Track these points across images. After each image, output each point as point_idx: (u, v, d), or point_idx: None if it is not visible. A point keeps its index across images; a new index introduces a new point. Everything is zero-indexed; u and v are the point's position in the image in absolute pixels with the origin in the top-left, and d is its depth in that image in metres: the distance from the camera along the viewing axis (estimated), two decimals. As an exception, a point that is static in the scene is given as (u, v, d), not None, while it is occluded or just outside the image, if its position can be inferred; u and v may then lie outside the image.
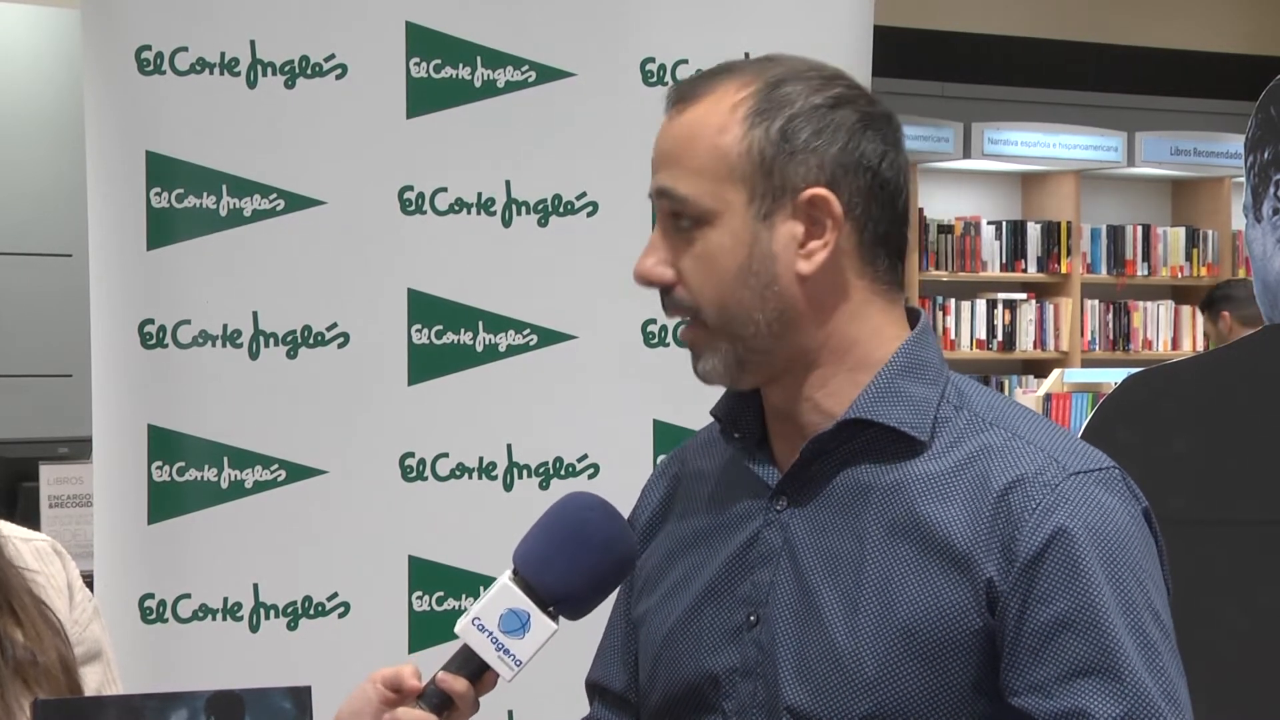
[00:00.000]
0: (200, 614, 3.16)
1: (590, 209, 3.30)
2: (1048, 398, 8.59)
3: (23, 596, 2.09)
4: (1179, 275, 11.02)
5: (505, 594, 1.94)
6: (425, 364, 3.25)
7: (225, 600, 3.17)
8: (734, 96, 1.93)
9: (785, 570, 1.94)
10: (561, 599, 1.94)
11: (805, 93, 1.93)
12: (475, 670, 1.94)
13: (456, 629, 1.94)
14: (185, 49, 3.17)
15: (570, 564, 1.95)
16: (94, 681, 2.16)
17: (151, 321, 3.16)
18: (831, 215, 1.91)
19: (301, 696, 1.83)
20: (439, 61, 3.25)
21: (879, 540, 1.89)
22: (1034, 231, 10.67)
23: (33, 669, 2.04)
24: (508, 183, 3.27)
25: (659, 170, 1.97)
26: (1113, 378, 8.53)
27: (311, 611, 3.20)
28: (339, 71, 3.22)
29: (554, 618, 1.94)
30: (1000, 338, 10.55)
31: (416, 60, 3.25)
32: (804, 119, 1.92)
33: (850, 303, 1.95)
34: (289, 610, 3.19)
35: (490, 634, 1.93)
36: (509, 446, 3.27)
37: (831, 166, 1.91)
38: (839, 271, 1.93)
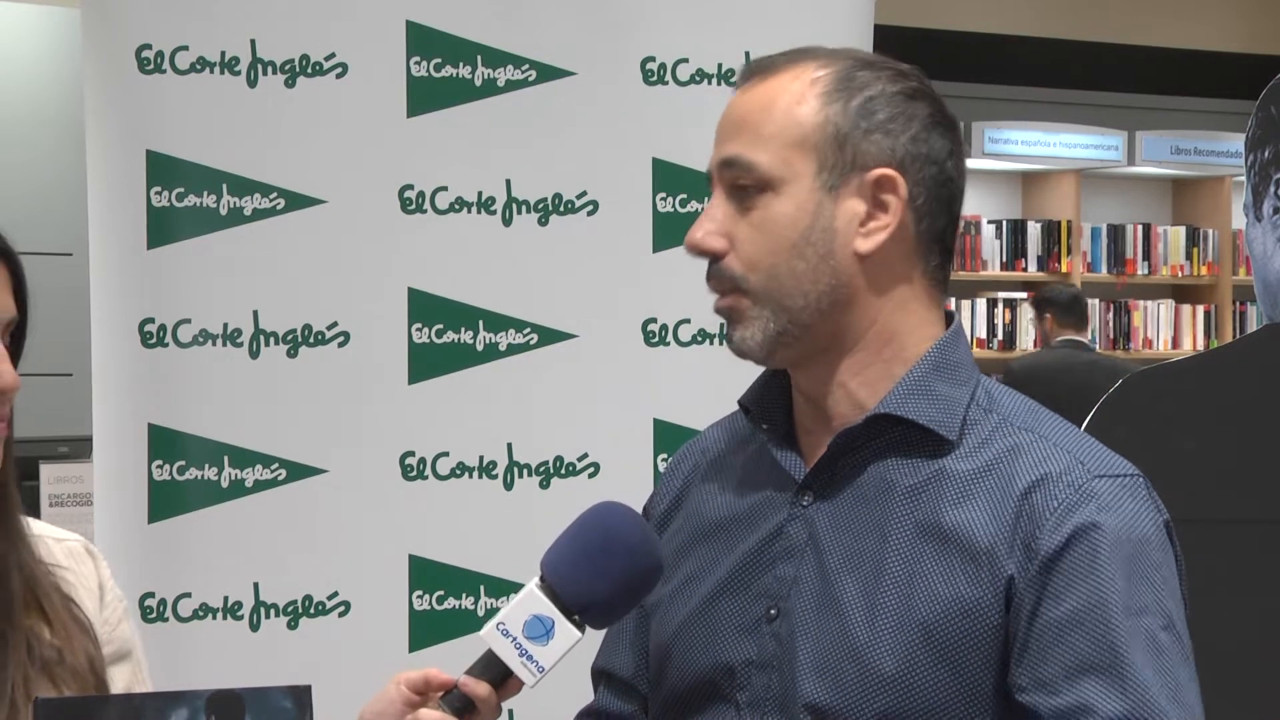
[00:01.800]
0: (200, 613, 3.16)
1: (591, 208, 3.30)
2: (1048, 397, 8.57)
3: (52, 595, 2.09)
4: (1179, 274, 11.02)
5: (531, 600, 1.94)
6: (425, 363, 3.25)
7: (225, 599, 3.17)
8: (813, 73, 1.96)
9: (809, 565, 1.94)
10: (587, 607, 1.94)
11: (883, 80, 1.96)
12: (498, 675, 1.94)
13: (481, 633, 1.94)
14: (185, 48, 3.17)
15: (597, 573, 1.95)
16: (122, 682, 2.15)
17: (152, 320, 3.16)
18: (896, 197, 1.93)
19: (302, 696, 1.83)
20: (439, 60, 3.25)
21: (903, 538, 1.90)
22: (1034, 230, 10.67)
23: (59, 668, 2.04)
24: (508, 182, 3.27)
25: (727, 140, 1.97)
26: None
27: (312, 611, 3.20)
28: (339, 70, 3.22)
29: (579, 626, 1.94)
30: (1001, 337, 10.55)
31: (417, 59, 3.25)
32: (881, 102, 1.94)
33: (899, 292, 1.96)
34: (289, 609, 3.19)
35: (514, 639, 1.93)
36: (509, 445, 3.26)
37: (902, 153, 1.94)
38: (895, 257, 1.95)
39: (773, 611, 1.95)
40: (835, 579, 1.92)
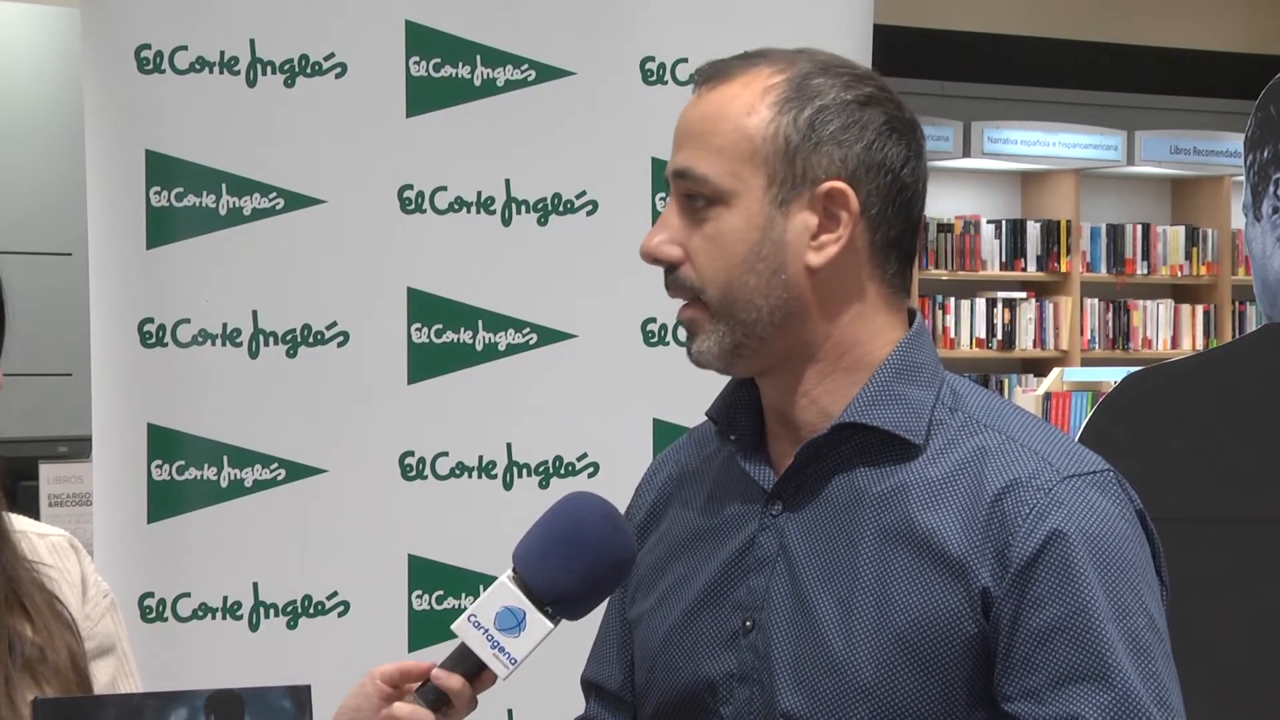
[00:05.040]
0: (200, 613, 3.16)
1: (590, 208, 3.30)
2: (1047, 397, 8.59)
3: (34, 593, 2.09)
4: (1179, 274, 11.02)
5: (502, 592, 1.94)
6: (425, 363, 3.24)
7: (225, 599, 3.17)
8: (765, 81, 1.93)
9: (781, 575, 1.93)
10: (559, 598, 1.94)
11: (837, 87, 1.93)
12: (471, 668, 1.94)
13: (453, 626, 1.95)
14: (185, 48, 3.17)
15: (568, 564, 1.95)
16: (105, 677, 2.15)
17: (151, 320, 3.16)
18: (848, 210, 1.91)
19: (301, 695, 1.83)
20: (439, 60, 3.25)
21: (874, 545, 1.89)
22: (1033, 230, 10.67)
23: (42, 666, 2.04)
24: (507, 181, 3.27)
25: (680, 149, 1.95)
26: (1112, 376, 8.54)
27: (311, 610, 3.20)
28: (339, 70, 3.22)
29: (551, 617, 1.94)
30: (1000, 336, 10.55)
31: (416, 59, 3.25)
32: (833, 112, 1.92)
33: (857, 302, 1.94)
34: (288, 609, 3.19)
35: (486, 631, 1.93)
36: (509, 445, 3.26)
37: (854, 163, 1.92)
38: (848, 269, 1.93)
39: (748, 624, 1.94)
40: (808, 589, 1.91)
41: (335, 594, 3.21)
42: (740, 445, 2.00)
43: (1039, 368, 10.47)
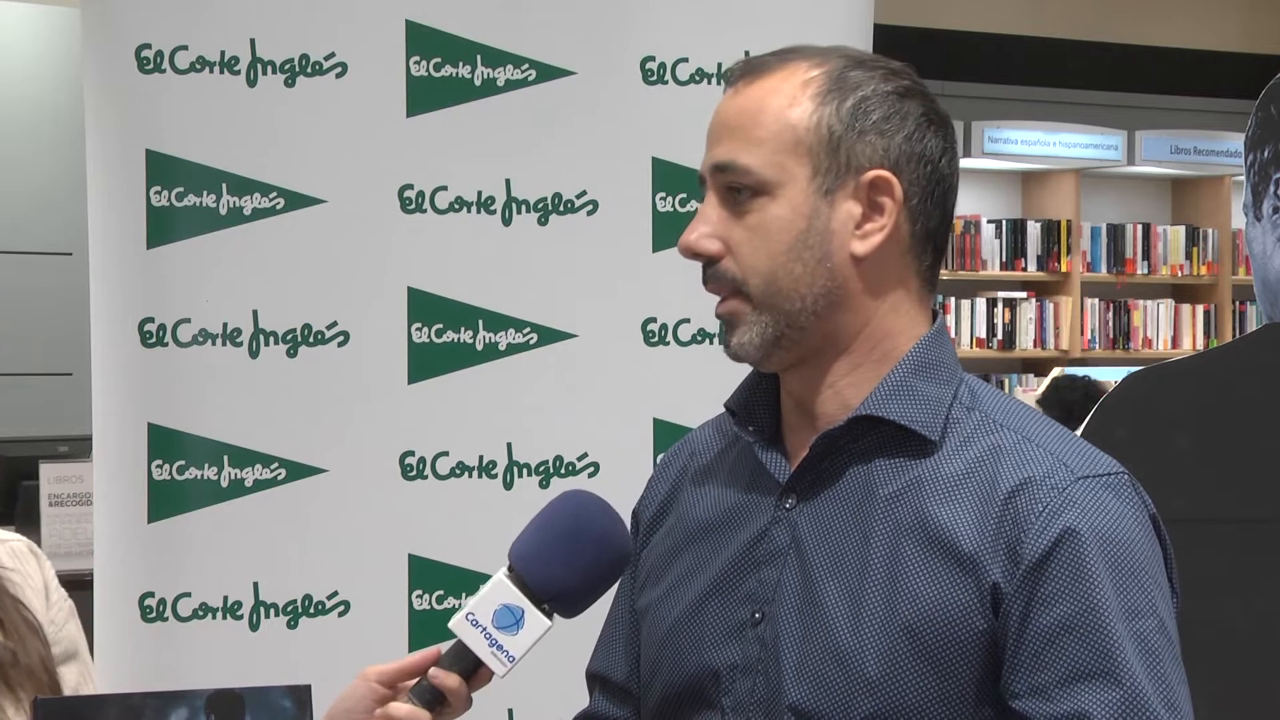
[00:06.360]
0: (200, 613, 3.16)
1: (590, 207, 3.30)
2: (1048, 396, 8.57)
3: (2, 597, 2.09)
4: (1179, 274, 11.02)
5: (499, 590, 1.94)
6: (425, 362, 3.24)
7: (225, 599, 3.17)
8: (804, 74, 1.95)
9: (792, 568, 1.94)
10: (556, 595, 1.95)
11: (875, 79, 1.95)
12: (469, 666, 1.95)
13: (450, 624, 1.95)
14: (185, 47, 3.17)
15: (565, 561, 1.95)
16: (71, 680, 2.16)
17: (151, 320, 3.16)
18: (892, 198, 1.93)
19: (301, 695, 1.83)
20: (439, 60, 3.25)
21: (885, 540, 1.89)
22: (1034, 230, 10.67)
23: (14, 669, 2.04)
24: (508, 181, 3.27)
25: (718, 143, 1.96)
26: (1113, 376, 8.53)
27: (311, 610, 3.20)
28: (339, 70, 3.22)
29: (548, 615, 1.94)
30: (1000, 336, 10.55)
31: (416, 59, 3.25)
32: (874, 102, 1.94)
33: (894, 293, 1.96)
34: (289, 609, 3.19)
35: (484, 629, 1.93)
36: (509, 445, 3.26)
37: (896, 153, 1.93)
38: (889, 259, 1.95)
39: (757, 615, 1.95)
40: (818, 582, 1.91)
41: (335, 594, 3.21)
42: (758, 437, 2.01)
43: (1039, 368, 10.47)
